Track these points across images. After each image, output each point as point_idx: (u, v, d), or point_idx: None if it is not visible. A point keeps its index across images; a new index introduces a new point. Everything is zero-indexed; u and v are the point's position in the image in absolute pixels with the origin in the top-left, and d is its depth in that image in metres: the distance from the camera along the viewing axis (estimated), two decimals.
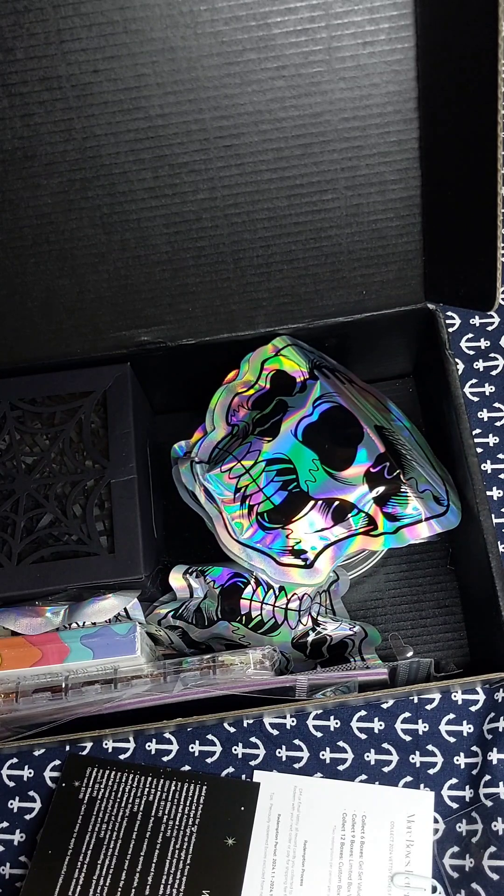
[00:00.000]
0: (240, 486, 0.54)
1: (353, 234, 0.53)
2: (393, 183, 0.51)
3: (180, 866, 0.54)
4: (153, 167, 0.49)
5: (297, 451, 0.54)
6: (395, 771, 0.57)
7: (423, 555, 0.63)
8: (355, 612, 0.62)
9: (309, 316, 0.57)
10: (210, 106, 0.47)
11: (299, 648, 0.57)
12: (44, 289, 0.54)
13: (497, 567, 0.51)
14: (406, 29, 0.46)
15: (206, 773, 0.58)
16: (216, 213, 0.51)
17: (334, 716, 0.59)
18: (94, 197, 0.50)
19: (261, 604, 0.55)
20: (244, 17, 0.45)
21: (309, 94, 0.47)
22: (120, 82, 0.46)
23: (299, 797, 0.57)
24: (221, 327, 0.57)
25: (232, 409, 0.58)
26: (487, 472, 0.65)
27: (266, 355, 0.58)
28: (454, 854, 0.54)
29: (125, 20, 0.44)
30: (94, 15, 0.44)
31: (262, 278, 0.54)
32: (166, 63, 0.46)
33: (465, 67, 0.44)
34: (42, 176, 0.49)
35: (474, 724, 0.58)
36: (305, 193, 0.51)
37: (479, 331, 0.69)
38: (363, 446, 0.54)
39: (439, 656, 0.59)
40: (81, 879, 0.54)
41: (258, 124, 0.48)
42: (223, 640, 0.57)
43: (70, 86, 0.46)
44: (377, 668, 0.53)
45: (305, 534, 0.53)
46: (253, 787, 0.57)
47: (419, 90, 0.48)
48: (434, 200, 0.51)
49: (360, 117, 0.48)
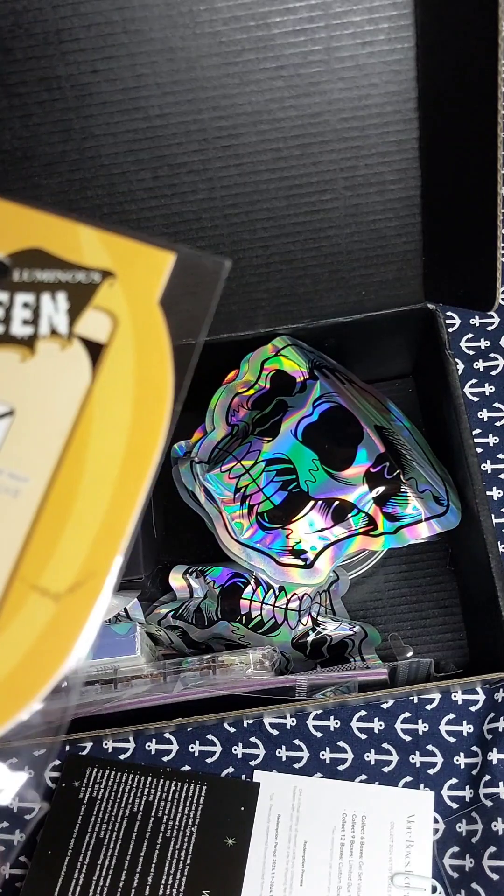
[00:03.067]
0: (240, 486, 0.54)
1: (352, 234, 0.53)
2: (392, 183, 0.51)
3: (180, 866, 0.54)
4: (152, 167, 0.49)
5: (297, 451, 0.54)
6: (395, 771, 0.57)
7: (423, 555, 0.63)
8: (355, 612, 0.62)
9: (308, 316, 0.57)
10: (209, 106, 0.47)
11: (299, 648, 0.57)
12: None
13: (497, 567, 0.51)
14: (406, 29, 0.46)
15: (206, 773, 0.58)
16: (215, 214, 0.51)
17: (334, 716, 0.59)
18: (93, 197, 0.50)
19: (261, 604, 0.55)
20: (243, 17, 0.45)
21: (308, 94, 0.47)
22: (119, 82, 0.46)
23: (299, 797, 0.57)
24: (221, 327, 0.57)
25: (232, 409, 0.58)
26: (487, 472, 0.65)
27: (266, 355, 0.58)
28: (454, 854, 0.54)
29: (124, 20, 0.44)
30: (92, 15, 0.44)
31: (261, 278, 0.54)
32: (165, 63, 0.46)
33: (465, 67, 0.44)
34: (41, 176, 0.49)
35: (474, 724, 0.58)
36: (304, 193, 0.51)
37: (479, 331, 0.69)
38: (363, 446, 0.54)
39: (439, 656, 0.59)
40: (81, 879, 0.54)
41: (257, 124, 0.48)
42: (223, 640, 0.57)
43: (69, 86, 0.46)
44: (377, 668, 0.53)
45: (305, 534, 0.53)
46: (253, 787, 0.57)
47: (419, 90, 0.48)
48: (434, 200, 0.51)
49: (359, 117, 0.48)
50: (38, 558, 0.21)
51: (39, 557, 0.21)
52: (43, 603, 0.21)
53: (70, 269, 0.24)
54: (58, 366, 0.23)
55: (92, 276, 0.23)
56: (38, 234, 0.24)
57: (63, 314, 0.23)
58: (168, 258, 0.23)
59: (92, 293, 0.23)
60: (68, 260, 0.24)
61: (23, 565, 0.21)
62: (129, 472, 0.22)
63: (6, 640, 0.21)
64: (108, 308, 0.23)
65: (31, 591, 0.21)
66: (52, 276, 0.23)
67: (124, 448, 0.22)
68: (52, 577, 0.21)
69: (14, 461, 0.22)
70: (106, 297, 0.23)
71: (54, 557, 0.21)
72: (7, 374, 0.23)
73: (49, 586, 0.21)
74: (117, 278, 0.23)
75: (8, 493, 0.22)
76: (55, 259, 0.24)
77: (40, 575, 0.21)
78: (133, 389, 0.23)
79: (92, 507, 0.22)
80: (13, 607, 0.21)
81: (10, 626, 0.21)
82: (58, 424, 0.22)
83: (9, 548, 0.22)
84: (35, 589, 0.21)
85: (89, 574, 0.21)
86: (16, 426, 0.22)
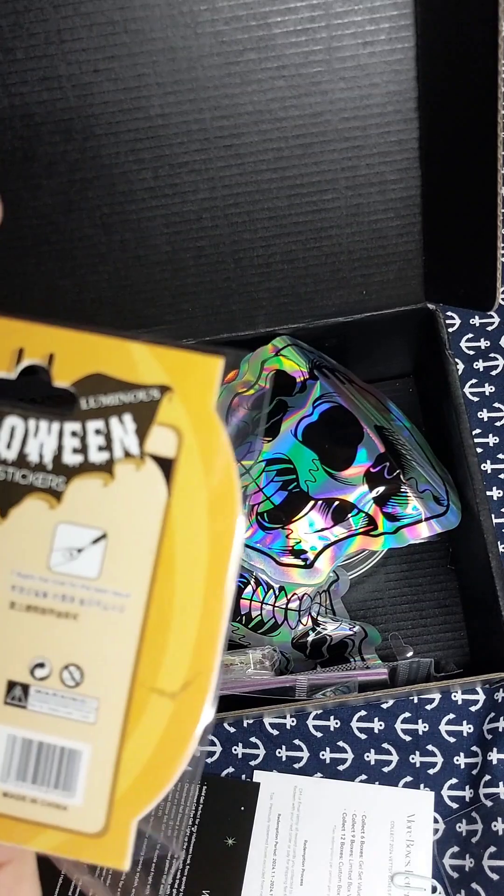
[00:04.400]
0: None
1: (353, 233, 0.53)
2: (393, 183, 0.51)
3: (180, 866, 0.54)
4: (153, 167, 0.49)
5: (297, 451, 0.54)
6: (395, 771, 0.57)
7: (423, 555, 0.63)
8: (355, 612, 0.62)
9: (309, 316, 0.57)
10: (210, 106, 0.47)
11: (299, 648, 0.57)
12: (44, 289, 0.54)
13: (497, 567, 0.51)
14: (406, 29, 0.46)
15: (206, 773, 0.58)
16: (216, 213, 0.51)
17: (334, 716, 0.59)
18: (94, 197, 0.50)
19: (261, 604, 0.55)
20: (244, 16, 0.45)
21: (309, 94, 0.47)
22: (120, 82, 0.46)
23: (299, 797, 0.57)
24: (221, 327, 0.57)
25: (232, 409, 0.58)
26: (487, 472, 0.65)
27: (266, 355, 0.58)
28: (454, 854, 0.54)
29: (125, 20, 0.44)
30: (94, 15, 0.44)
31: (262, 278, 0.54)
32: (166, 63, 0.46)
33: (465, 67, 0.44)
34: (42, 176, 0.49)
35: (474, 724, 0.58)
36: (305, 193, 0.51)
37: (479, 331, 0.69)
38: (363, 446, 0.54)
39: (439, 656, 0.59)
40: (81, 879, 0.54)
41: (258, 124, 0.48)
42: None
43: (70, 86, 0.46)
44: (377, 668, 0.53)
45: (305, 534, 0.53)
46: (253, 787, 0.57)
47: (419, 90, 0.48)
48: (434, 200, 0.51)
49: (360, 117, 0.48)
50: (152, 664, 0.24)
51: (153, 663, 0.24)
52: (162, 702, 0.24)
53: (131, 390, 0.25)
54: (137, 486, 0.25)
55: (151, 393, 0.25)
56: (94, 358, 0.25)
57: (132, 435, 0.25)
58: (217, 363, 0.25)
59: (154, 410, 0.25)
60: (127, 380, 0.25)
61: (140, 672, 0.24)
62: (214, 576, 0.24)
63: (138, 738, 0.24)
64: (171, 422, 0.25)
65: (151, 693, 0.24)
66: (115, 399, 0.25)
67: (207, 554, 0.24)
68: (167, 679, 0.24)
69: (115, 580, 0.24)
70: (167, 412, 0.25)
71: (165, 662, 0.24)
72: (94, 500, 0.25)
73: (165, 687, 0.24)
74: (175, 391, 0.25)
75: (116, 609, 0.24)
76: (115, 381, 0.25)
77: (156, 678, 0.24)
78: (206, 498, 0.24)
79: (189, 613, 0.24)
80: (138, 709, 0.24)
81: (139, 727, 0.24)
82: (146, 540, 0.24)
83: (126, 658, 0.24)
84: (154, 691, 0.24)
85: (196, 673, 0.24)
86: (110, 548, 0.25)
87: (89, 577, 0.24)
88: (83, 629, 0.24)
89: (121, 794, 0.24)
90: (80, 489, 0.25)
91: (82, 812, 0.25)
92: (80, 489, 0.25)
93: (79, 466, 0.25)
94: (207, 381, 0.25)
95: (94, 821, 0.25)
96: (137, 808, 0.24)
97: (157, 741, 0.24)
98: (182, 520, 0.24)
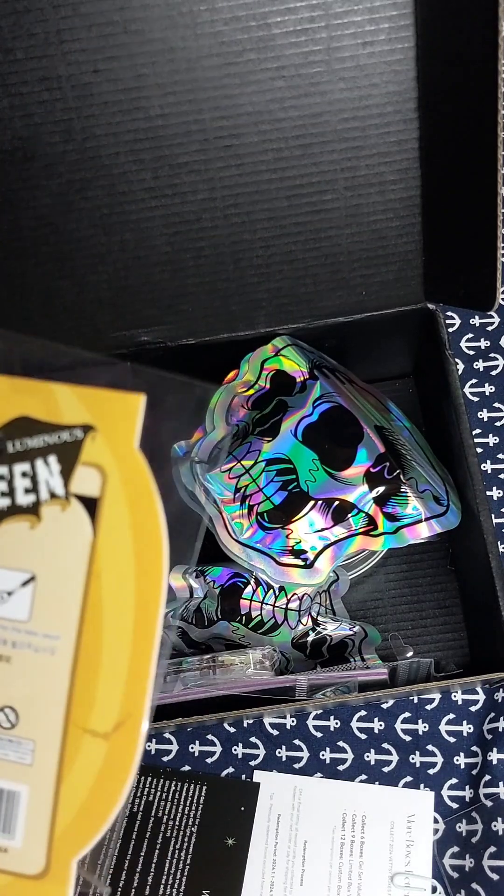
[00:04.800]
0: (240, 486, 0.54)
1: (352, 234, 0.53)
2: (393, 183, 0.51)
3: (180, 866, 0.54)
4: (153, 168, 0.49)
5: (297, 451, 0.54)
6: (395, 771, 0.57)
7: (423, 555, 0.63)
8: (355, 612, 0.62)
9: (309, 316, 0.57)
10: (210, 106, 0.47)
11: (299, 648, 0.57)
12: (43, 290, 0.54)
13: (497, 567, 0.51)
14: (406, 29, 0.46)
15: (206, 773, 0.58)
16: (216, 214, 0.51)
17: (334, 716, 0.59)
18: (93, 198, 0.50)
19: (261, 604, 0.55)
20: (244, 17, 0.45)
21: (308, 95, 0.47)
22: (119, 83, 0.46)
23: (299, 797, 0.57)
24: (221, 327, 0.57)
25: (232, 409, 0.58)
26: (487, 472, 0.65)
27: (266, 355, 0.58)
28: (454, 854, 0.54)
29: (125, 21, 0.44)
30: (93, 15, 0.44)
31: (261, 279, 0.54)
32: (166, 63, 0.46)
33: (465, 67, 0.44)
34: (42, 177, 0.49)
35: (474, 724, 0.58)
36: (305, 194, 0.51)
37: (479, 331, 0.69)
38: (363, 446, 0.54)
39: (439, 656, 0.59)
40: (81, 879, 0.54)
41: (258, 125, 0.48)
42: (223, 640, 0.57)
43: (70, 86, 0.46)
44: (377, 668, 0.53)
45: (305, 534, 0.53)
46: (253, 787, 0.57)
47: (419, 90, 0.48)
48: (434, 201, 0.51)
49: (359, 118, 0.48)
50: (85, 705, 0.24)
51: (85, 704, 0.24)
52: (95, 743, 0.24)
53: (54, 431, 0.25)
54: (62, 527, 0.25)
55: (75, 433, 0.25)
56: (18, 401, 0.25)
57: (57, 476, 0.25)
58: (139, 400, 0.25)
59: (78, 450, 0.25)
60: (51, 421, 0.25)
61: (72, 713, 0.24)
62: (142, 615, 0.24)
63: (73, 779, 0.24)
64: (95, 461, 0.25)
65: (84, 734, 0.24)
66: (40, 441, 0.25)
67: (134, 593, 0.24)
68: (99, 719, 0.24)
69: (45, 623, 0.24)
70: (91, 452, 0.25)
71: (96, 703, 0.24)
72: (22, 542, 0.25)
73: (98, 728, 0.24)
74: (98, 430, 0.25)
75: (47, 651, 0.24)
76: (39, 423, 0.25)
77: (88, 719, 0.24)
78: (131, 535, 0.24)
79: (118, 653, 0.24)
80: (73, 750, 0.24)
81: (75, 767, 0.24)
82: (73, 582, 0.24)
83: (58, 699, 0.24)
84: (87, 731, 0.24)
85: (128, 714, 0.24)
86: (39, 590, 0.24)
87: (20, 619, 0.24)
88: (16, 671, 0.24)
89: (59, 834, 0.24)
90: (8, 532, 0.25)
91: (22, 854, 0.24)
92: (7, 532, 0.25)
93: (7, 510, 0.25)
94: (129, 418, 0.24)
95: (34, 862, 0.24)
96: (76, 848, 0.25)
97: (92, 781, 0.24)
98: (108, 559, 0.24)
